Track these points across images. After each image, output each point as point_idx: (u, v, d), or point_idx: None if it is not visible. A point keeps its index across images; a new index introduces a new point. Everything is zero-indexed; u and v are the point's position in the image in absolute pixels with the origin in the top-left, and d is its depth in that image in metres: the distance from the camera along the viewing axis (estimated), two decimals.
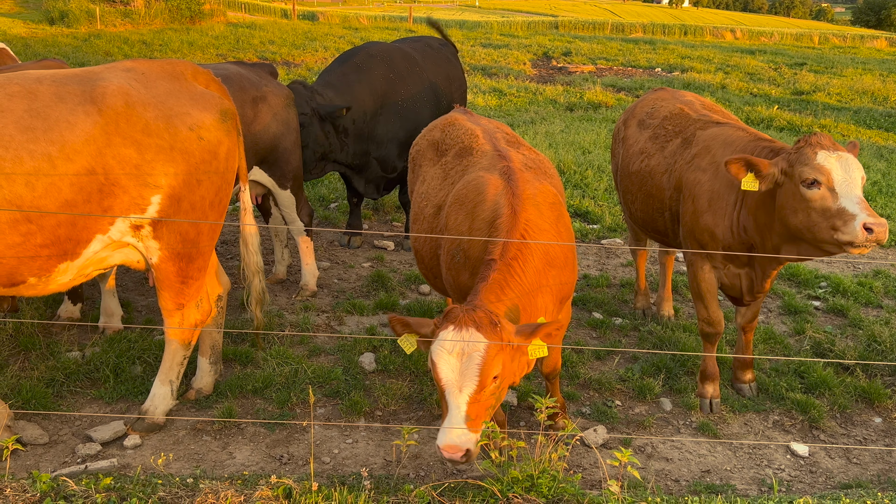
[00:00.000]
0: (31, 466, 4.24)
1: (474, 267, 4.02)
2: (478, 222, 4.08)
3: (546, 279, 3.94)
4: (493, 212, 4.05)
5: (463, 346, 3.35)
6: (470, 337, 3.35)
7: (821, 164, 4.21)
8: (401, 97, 7.53)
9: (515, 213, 3.98)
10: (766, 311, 6.78)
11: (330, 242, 8.10)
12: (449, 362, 3.35)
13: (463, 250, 4.09)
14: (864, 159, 11.84)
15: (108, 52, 20.83)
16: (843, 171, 4.19)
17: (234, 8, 39.85)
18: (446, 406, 3.39)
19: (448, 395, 3.37)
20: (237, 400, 5.03)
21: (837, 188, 4.17)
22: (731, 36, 35.78)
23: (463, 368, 3.35)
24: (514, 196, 4.06)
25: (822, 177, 4.21)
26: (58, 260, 4.06)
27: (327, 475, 4.25)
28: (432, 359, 3.41)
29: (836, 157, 4.22)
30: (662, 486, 4.41)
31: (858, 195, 4.15)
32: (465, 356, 3.35)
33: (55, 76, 4.11)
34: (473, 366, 3.35)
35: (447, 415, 3.36)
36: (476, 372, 3.35)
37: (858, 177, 4.20)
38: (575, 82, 19.56)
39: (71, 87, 4.04)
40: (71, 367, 5.14)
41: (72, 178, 3.91)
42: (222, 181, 4.50)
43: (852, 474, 4.62)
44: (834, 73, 22.77)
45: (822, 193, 4.22)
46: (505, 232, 3.89)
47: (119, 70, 4.29)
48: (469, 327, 3.37)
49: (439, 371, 3.38)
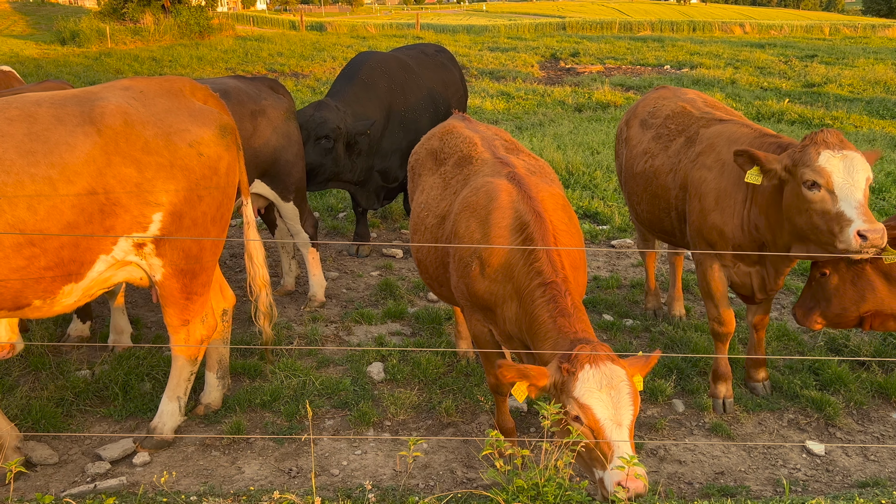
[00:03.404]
0: (41, 487, 4.26)
1: (496, 274, 3.96)
2: (497, 229, 4.01)
3: (576, 284, 3.95)
4: (516, 218, 3.99)
5: (611, 381, 3.33)
6: (612, 371, 3.35)
7: (822, 165, 4.12)
8: (402, 107, 7.55)
9: (542, 218, 3.94)
10: (779, 307, 6.69)
11: (339, 252, 8.10)
12: (603, 400, 3.32)
13: (480, 258, 4.03)
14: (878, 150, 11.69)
15: (119, 70, 21.03)
16: (845, 173, 4.09)
17: (243, 21, 40.18)
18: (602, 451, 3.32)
19: (608, 433, 3.31)
20: (246, 414, 5.02)
21: (837, 191, 4.09)
22: (740, 30, 35.55)
23: (617, 403, 3.34)
24: (533, 200, 4.03)
25: (821, 179, 4.13)
26: (62, 282, 4.07)
27: (335, 488, 4.23)
28: (582, 403, 3.33)
29: (841, 157, 4.12)
30: (675, 490, 4.36)
31: (858, 199, 4.05)
32: (615, 391, 3.34)
33: (54, 98, 4.13)
34: (626, 397, 3.35)
35: (611, 453, 3.28)
36: (630, 402, 3.35)
37: (862, 179, 4.09)
38: (583, 83, 19.49)
39: (70, 108, 4.06)
40: (80, 385, 5.17)
41: (73, 200, 3.92)
42: (223, 196, 4.50)
43: (870, 472, 4.54)
44: (845, 63, 22.53)
45: (821, 196, 4.14)
46: (540, 240, 3.85)
47: (117, 89, 4.30)
48: (606, 362, 3.37)
49: (595, 412, 3.32)
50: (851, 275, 4.70)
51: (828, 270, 4.77)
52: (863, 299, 4.70)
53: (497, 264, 3.96)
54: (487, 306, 4.08)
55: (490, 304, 4.05)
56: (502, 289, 3.97)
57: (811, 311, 4.97)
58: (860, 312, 4.75)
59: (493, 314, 4.08)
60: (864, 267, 4.66)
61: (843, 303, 4.77)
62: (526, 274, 3.83)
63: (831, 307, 4.82)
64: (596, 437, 3.32)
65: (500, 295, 3.99)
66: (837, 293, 4.78)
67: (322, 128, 6.77)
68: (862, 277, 4.68)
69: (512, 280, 3.91)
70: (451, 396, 5.23)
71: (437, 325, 6.32)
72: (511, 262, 3.93)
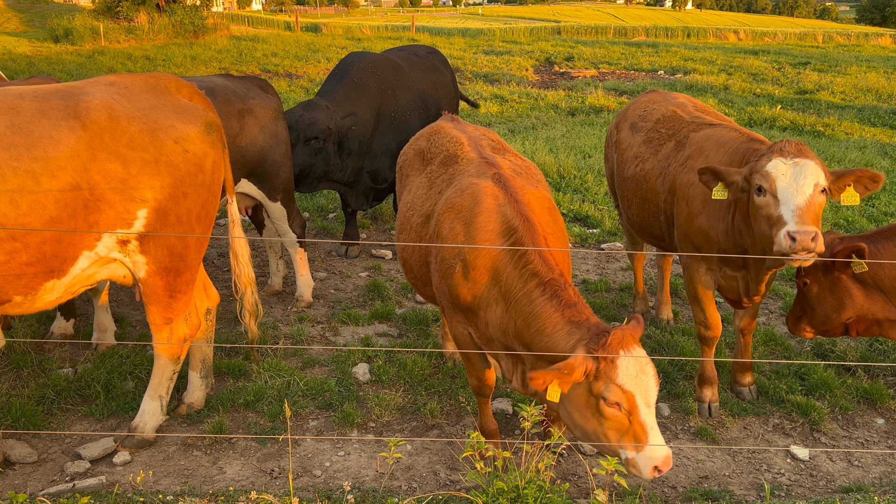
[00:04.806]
0: (19, 486, 4.21)
1: (480, 278, 3.93)
2: (483, 233, 3.96)
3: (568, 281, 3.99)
4: (503, 223, 3.94)
5: (643, 365, 3.40)
6: (642, 354, 3.43)
7: (768, 171, 4.16)
8: (392, 108, 7.52)
9: (530, 222, 3.93)
10: (766, 312, 6.69)
11: (328, 253, 8.07)
12: (642, 385, 3.38)
13: (463, 261, 3.99)
14: (868, 157, 11.74)
15: (112, 69, 20.94)
16: (790, 179, 4.10)
17: (238, 22, 40.11)
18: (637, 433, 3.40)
19: (643, 415, 3.39)
20: (228, 414, 4.99)
21: (779, 195, 4.11)
22: (734, 37, 35.67)
23: (652, 387, 3.43)
24: (519, 203, 4.00)
25: (766, 184, 4.16)
26: (44, 278, 4.03)
27: (316, 489, 4.19)
28: (626, 389, 3.37)
29: (792, 164, 4.13)
30: (658, 493, 4.34)
31: (797, 203, 4.05)
32: (646, 375, 3.42)
33: (37, 91, 4.08)
34: (653, 379, 3.44)
35: (646, 433, 3.38)
36: (656, 385, 3.45)
37: (809, 185, 4.08)
38: (577, 87, 19.51)
39: (53, 102, 4.01)
40: (62, 384, 5.12)
41: (56, 195, 3.87)
42: (209, 193, 4.47)
43: (853, 477, 4.53)
44: (838, 71, 22.63)
45: (766, 200, 4.18)
46: (531, 244, 3.84)
47: (102, 84, 4.26)
48: (635, 346, 3.44)
49: (637, 398, 3.38)
50: (828, 283, 4.77)
51: (809, 280, 4.83)
52: (842, 306, 4.75)
53: (483, 267, 3.92)
54: (470, 309, 4.04)
55: (472, 306, 4.02)
56: (487, 292, 3.93)
57: (800, 320, 5.06)
58: (843, 319, 4.80)
59: (475, 317, 4.04)
60: (840, 276, 4.72)
61: (825, 310, 4.82)
62: (518, 277, 3.80)
63: (815, 315, 4.89)
64: (631, 420, 3.38)
65: (483, 298, 3.95)
66: (819, 301, 4.83)
67: (312, 129, 6.74)
68: (838, 285, 4.74)
69: (498, 284, 3.88)
70: (437, 398, 5.20)
71: (424, 327, 6.30)
72: (498, 266, 3.88)
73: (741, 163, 4.67)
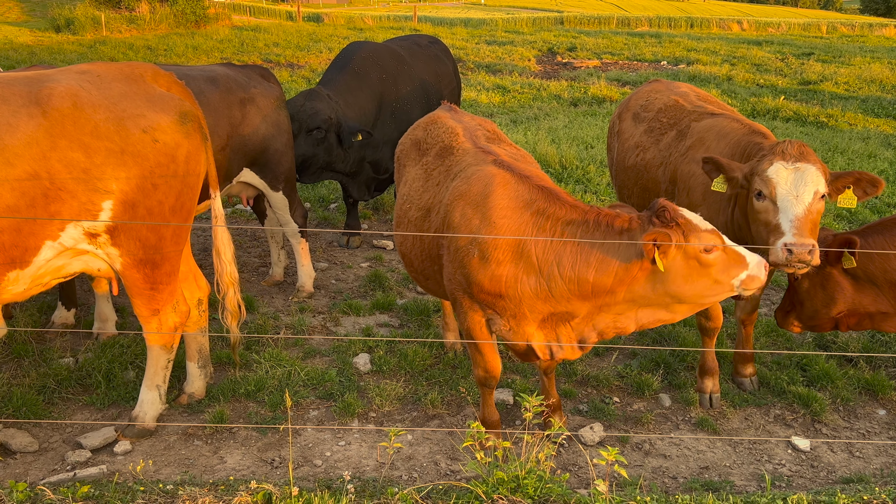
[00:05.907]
0: (20, 475, 4.22)
1: (503, 257, 3.87)
2: (499, 210, 3.92)
3: None
4: (517, 198, 3.94)
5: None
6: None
7: (769, 175, 4.15)
8: (393, 98, 7.50)
9: (547, 188, 3.97)
10: (768, 303, 6.68)
11: (329, 243, 8.06)
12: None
13: (481, 244, 3.91)
14: (871, 148, 11.69)
15: (113, 59, 20.89)
16: (791, 186, 4.09)
17: (240, 11, 39.97)
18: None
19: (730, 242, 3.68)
20: (229, 403, 4.99)
21: (779, 202, 4.12)
22: (737, 27, 35.49)
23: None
24: (530, 178, 4.01)
25: (766, 189, 4.16)
26: (6, 268, 3.92)
27: (316, 478, 4.20)
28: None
29: (793, 169, 4.12)
30: (659, 484, 4.34)
31: (796, 213, 4.05)
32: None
33: (3, 78, 3.98)
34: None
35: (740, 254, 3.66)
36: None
37: (809, 193, 4.08)
38: (580, 77, 19.43)
39: (17, 88, 3.91)
40: (63, 373, 5.12)
41: (13, 183, 3.75)
42: (183, 185, 4.33)
43: (854, 468, 4.53)
44: (842, 62, 22.50)
45: (765, 206, 4.19)
46: (556, 201, 3.92)
47: (73, 72, 4.16)
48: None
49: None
50: (820, 278, 4.76)
51: (799, 274, 4.82)
52: (833, 301, 4.74)
53: (505, 245, 3.86)
54: (493, 292, 3.95)
55: (497, 289, 3.93)
56: (513, 269, 3.87)
57: (788, 315, 5.06)
58: (832, 314, 4.79)
59: (502, 300, 3.97)
60: (831, 271, 4.70)
61: (815, 305, 4.81)
62: (557, 235, 3.84)
63: (804, 310, 4.89)
64: (727, 250, 3.63)
65: (510, 276, 3.88)
66: (809, 296, 4.83)
67: (314, 119, 6.72)
68: (830, 280, 4.72)
69: (525, 257, 3.85)
70: (437, 388, 5.20)
71: (425, 317, 6.29)
72: (524, 239, 3.85)
73: (742, 155, 4.65)
